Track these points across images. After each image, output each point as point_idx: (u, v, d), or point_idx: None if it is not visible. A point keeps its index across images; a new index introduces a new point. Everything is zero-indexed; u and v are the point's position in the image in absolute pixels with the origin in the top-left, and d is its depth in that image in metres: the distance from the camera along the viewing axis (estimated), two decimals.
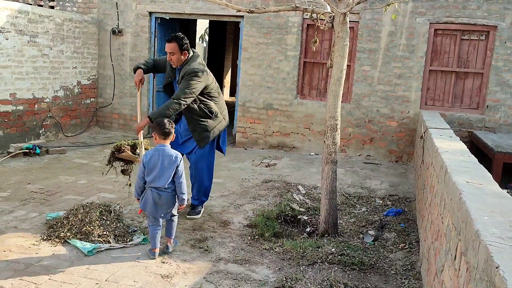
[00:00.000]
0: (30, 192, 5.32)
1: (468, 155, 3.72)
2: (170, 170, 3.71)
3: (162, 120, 3.87)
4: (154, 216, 3.81)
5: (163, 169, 3.71)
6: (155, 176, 3.71)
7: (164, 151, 3.75)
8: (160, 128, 3.79)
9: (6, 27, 7.06)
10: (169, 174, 3.71)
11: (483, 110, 7.85)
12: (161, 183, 3.71)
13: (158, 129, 3.80)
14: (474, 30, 7.73)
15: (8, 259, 3.63)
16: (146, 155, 3.78)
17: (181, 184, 3.76)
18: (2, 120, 7.15)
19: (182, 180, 3.77)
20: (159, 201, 3.75)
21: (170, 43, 4.55)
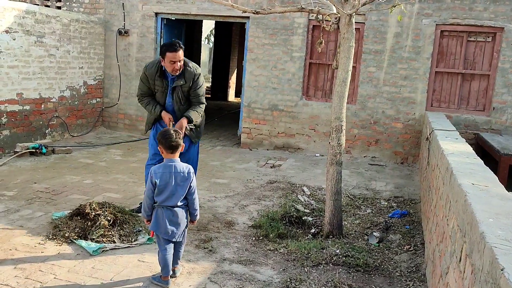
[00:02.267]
0: (36, 192, 5.35)
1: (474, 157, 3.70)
2: (183, 188, 3.36)
3: (168, 131, 3.44)
4: (168, 239, 3.38)
5: (176, 188, 3.33)
6: (168, 196, 3.32)
7: (175, 168, 3.35)
8: (166, 140, 3.36)
9: (13, 27, 7.11)
10: (182, 192, 3.36)
11: (489, 112, 7.81)
12: (173, 202, 3.34)
13: (164, 142, 3.37)
14: (481, 32, 7.70)
15: (14, 258, 3.66)
16: (156, 174, 3.33)
17: (194, 201, 3.43)
18: (9, 119, 7.20)
19: (195, 197, 3.45)
20: (173, 219, 3.35)
21: (178, 51, 4.41)
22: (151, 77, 4.64)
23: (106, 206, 4.35)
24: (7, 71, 7.06)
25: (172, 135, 3.37)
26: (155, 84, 4.67)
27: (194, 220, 3.53)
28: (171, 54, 4.40)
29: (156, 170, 3.36)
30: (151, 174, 3.35)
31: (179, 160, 3.43)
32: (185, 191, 3.37)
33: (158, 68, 4.60)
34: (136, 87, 5.37)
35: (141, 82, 4.76)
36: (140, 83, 4.78)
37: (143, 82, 4.73)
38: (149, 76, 4.65)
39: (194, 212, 3.47)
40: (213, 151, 8.33)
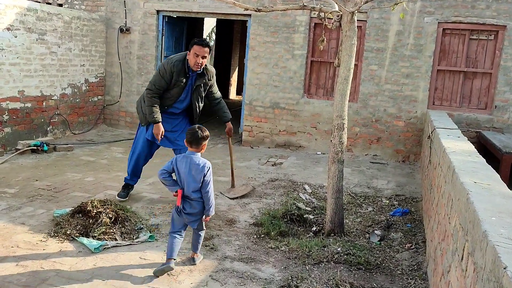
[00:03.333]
0: (38, 189, 5.36)
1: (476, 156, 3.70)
2: (196, 179, 3.51)
3: (194, 128, 3.63)
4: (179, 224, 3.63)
5: (190, 177, 3.53)
6: (182, 183, 3.56)
7: (192, 159, 3.55)
8: (190, 136, 3.60)
9: (15, 25, 7.11)
10: (194, 184, 3.52)
11: (491, 110, 7.80)
12: (187, 191, 3.54)
13: (189, 137, 3.61)
14: (483, 30, 7.68)
15: (15, 255, 3.66)
16: (176, 162, 3.59)
17: (208, 195, 3.55)
18: (11, 117, 7.20)
19: (209, 191, 3.56)
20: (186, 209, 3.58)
21: (205, 47, 4.65)
22: (177, 72, 4.73)
23: (108, 204, 4.36)
24: (8, 69, 7.07)
25: (197, 131, 3.60)
26: (178, 80, 4.76)
27: (208, 215, 3.64)
28: (198, 48, 4.62)
29: (177, 158, 3.62)
30: (173, 161, 3.61)
31: (199, 155, 3.62)
32: (199, 183, 3.52)
33: (185, 65, 4.76)
34: (138, 84, 5.40)
35: (161, 77, 4.76)
36: (159, 78, 4.76)
37: (163, 77, 4.75)
38: (176, 71, 4.72)
39: (207, 207, 3.59)
40: (214, 149, 8.32)
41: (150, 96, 4.80)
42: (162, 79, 4.76)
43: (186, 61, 4.76)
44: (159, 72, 4.80)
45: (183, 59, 4.77)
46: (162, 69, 4.76)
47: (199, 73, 4.85)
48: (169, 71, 4.72)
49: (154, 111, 4.78)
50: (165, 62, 4.79)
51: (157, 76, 4.79)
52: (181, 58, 4.79)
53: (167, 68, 4.73)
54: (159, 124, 4.80)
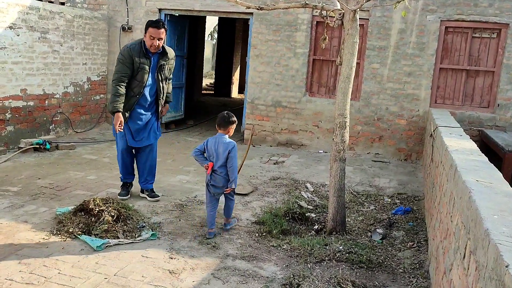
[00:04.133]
0: (40, 187, 5.37)
1: (478, 154, 3.69)
2: (223, 155, 4.16)
3: (223, 114, 4.28)
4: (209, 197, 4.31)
5: (217, 154, 4.18)
6: (211, 159, 4.22)
7: (220, 139, 4.20)
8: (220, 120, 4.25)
9: (17, 24, 7.12)
10: (221, 159, 4.17)
11: (494, 108, 7.78)
12: (215, 166, 4.19)
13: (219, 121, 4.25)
14: (486, 28, 7.66)
15: (18, 253, 3.68)
16: (208, 142, 4.27)
17: (232, 168, 4.18)
18: (13, 115, 7.22)
19: (233, 166, 4.18)
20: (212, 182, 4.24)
21: (161, 28, 4.69)
22: (136, 54, 4.72)
23: (110, 202, 4.37)
24: (11, 67, 7.08)
25: (226, 116, 4.25)
26: (140, 63, 4.74)
27: (231, 187, 4.25)
28: (153, 30, 4.68)
29: (208, 140, 4.27)
30: (205, 142, 4.27)
31: (227, 137, 4.24)
32: (225, 159, 4.16)
33: (142, 47, 4.77)
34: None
35: (122, 64, 4.72)
36: (121, 66, 4.73)
37: (125, 64, 4.72)
38: (134, 54, 4.70)
39: (231, 179, 4.22)
40: None
41: (115, 85, 4.74)
42: (123, 65, 4.73)
43: (142, 44, 4.78)
44: (119, 61, 4.77)
45: (139, 42, 4.81)
46: (121, 56, 4.76)
47: (160, 53, 4.89)
48: (127, 55, 4.71)
49: (116, 100, 4.70)
50: (122, 50, 4.81)
51: (118, 65, 4.77)
52: (137, 42, 4.86)
53: (125, 54, 4.72)
54: (119, 113, 4.72)
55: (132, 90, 4.86)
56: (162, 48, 4.90)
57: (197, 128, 10.17)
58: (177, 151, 7.75)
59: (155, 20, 4.80)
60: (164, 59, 4.94)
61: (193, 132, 9.63)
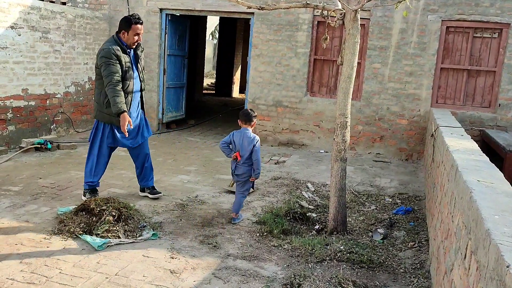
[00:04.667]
0: (42, 187, 5.38)
1: (480, 154, 3.69)
2: (248, 148, 4.60)
3: (247, 110, 4.77)
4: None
5: (242, 147, 4.61)
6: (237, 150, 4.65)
7: (245, 134, 4.64)
8: (244, 115, 4.72)
9: (18, 23, 7.13)
10: (246, 151, 4.60)
11: (495, 108, 7.77)
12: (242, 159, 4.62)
13: (242, 116, 4.72)
14: (487, 28, 7.65)
15: (19, 253, 3.68)
16: (233, 136, 4.70)
17: (257, 160, 4.62)
18: (14, 115, 7.23)
19: (258, 158, 4.63)
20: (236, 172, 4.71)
21: (142, 24, 4.79)
22: (121, 52, 4.67)
23: (111, 202, 4.37)
24: (12, 67, 7.09)
25: (250, 113, 4.73)
26: (125, 61, 4.70)
27: (255, 177, 4.71)
28: (138, 26, 4.73)
29: (234, 133, 4.71)
30: (231, 135, 4.71)
31: (251, 131, 4.70)
32: (249, 152, 4.59)
33: (120, 44, 4.71)
34: None
35: (113, 65, 4.57)
36: (113, 67, 4.57)
37: (115, 64, 4.58)
38: (117, 53, 4.62)
39: (256, 170, 4.66)
40: (217, 147, 8.33)
41: (112, 87, 4.56)
42: (114, 66, 4.59)
43: (118, 41, 4.71)
44: (106, 64, 4.59)
45: (114, 41, 4.71)
46: (106, 59, 4.59)
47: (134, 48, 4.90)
48: (113, 55, 4.59)
49: (118, 101, 4.53)
50: (105, 54, 4.60)
51: (110, 67, 4.58)
52: (112, 42, 4.72)
53: (110, 55, 4.58)
54: (125, 114, 4.55)
55: (125, 91, 4.71)
56: None
57: (198, 127, 10.18)
58: (178, 151, 7.75)
59: (134, 16, 4.74)
60: (139, 50, 4.95)
61: (194, 132, 9.63)
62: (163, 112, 9.44)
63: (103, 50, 4.64)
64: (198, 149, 8.06)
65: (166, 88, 9.40)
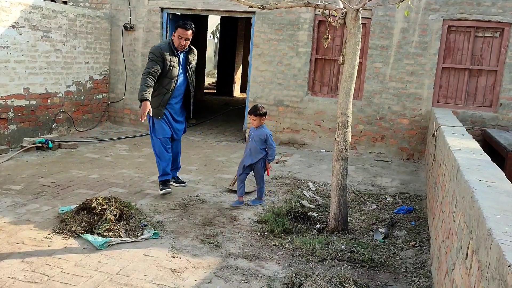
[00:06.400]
0: (43, 186, 5.39)
1: (481, 154, 3.68)
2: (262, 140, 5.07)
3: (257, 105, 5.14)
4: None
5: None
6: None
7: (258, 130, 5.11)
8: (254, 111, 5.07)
9: (20, 23, 7.13)
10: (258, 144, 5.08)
11: (496, 108, 7.76)
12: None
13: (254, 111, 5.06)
14: (489, 27, 7.64)
15: (21, 252, 3.69)
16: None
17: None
18: (16, 114, 7.23)
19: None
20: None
21: (190, 30, 5.17)
22: (167, 52, 5.18)
23: (112, 201, 4.37)
24: (13, 66, 7.10)
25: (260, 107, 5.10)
26: (170, 60, 5.19)
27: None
28: (182, 31, 5.15)
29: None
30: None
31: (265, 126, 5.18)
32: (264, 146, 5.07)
33: (170, 46, 5.23)
34: None
35: (154, 61, 5.13)
36: (152, 62, 5.13)
37: (156, 61, 5.13)
38: (165, 53, 5.16)
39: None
40: (218, 147, 8.34)
41: (145, 77, 5.11)
42: (155, 62, 5.12)
43: (171, 43, 5.25)
44: (150, 58, 5.16)
45: (168, 42, 5.29)
46: (152, 55, 5.16)
47: (186, 51, 5.39)
48: (158, 54, 5.13)
49: (144, 90, 5.05)
50: (153, 50, 5.20)
51: (150, 62, 5.15)
52: (165, 42, 5.37)
53: (156, 52, 5.15)
54: (146, 102, 5.06)
55: (164, 87, 5.25)
56: (188, 46, 5.37)
57: (199, 127, 10.17)
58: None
59: (184, 22, 5.23)
60: (191, 55, 5.45)
61: (195, 131, 9.63)
62: None
63: (153, 46, 5.31)
64: (199, 148, 8.06)
65: None
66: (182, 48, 5.25)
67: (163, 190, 5.26)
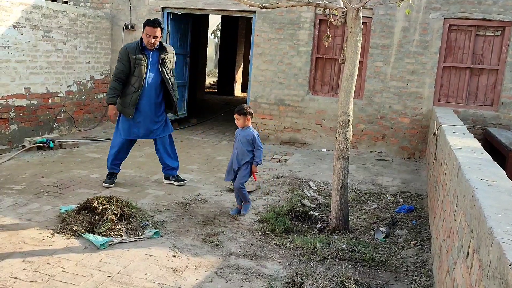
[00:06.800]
0: (44, 186, 5.39)
1: (482, 153, 3.68)
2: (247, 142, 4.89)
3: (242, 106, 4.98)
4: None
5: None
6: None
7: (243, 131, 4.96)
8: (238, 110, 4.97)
9: (21, 22, 7.14)
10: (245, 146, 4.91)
11: (497, 107, 7.75)
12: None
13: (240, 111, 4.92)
14: (490, 26, 7.63)
15: (22, 251, 3.69)
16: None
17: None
18: (17, 114, 7.24)
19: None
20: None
21: (157, 27, 5.11)
22: (132, 52, 5.15)
23: (113, 200, 4.37)
24: (14, 66, 7.10)
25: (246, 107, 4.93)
26: (136, 59, 5.15)
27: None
28: (149, 28, 5.11)
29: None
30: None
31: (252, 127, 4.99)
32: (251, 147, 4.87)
33: (138, 44, 5.22)
34: None
35: (119, 62, 5.20)
36: (118, 63, 5.21)
37: (121, 61, 5.17)
38: (130, 52, 5.14)
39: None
40: (219, 146, 8.34)
41: (112, 80, 5.25)
42: (120, 63, 5.19)
43: (139, 42, 5.23)
44: (118, 59, 5.26)
45: (137, 41, 5.27)
46: (118, 55, 5.26)
47: (158, 49, 5.31)
48: (123, 53, 5.17)
49: (110, 93, 5.22)
50: (120, 51, 5.28)
51: (117, 63, 5.25)
52: (134, 41, 5.34)
53: (122, 52, 5.21)
54: (111, 106, 5.24)
55: (132, 85, 5.25)
56: (160, 44, 5.31)
57: (200, 126, 10.18)
58: (180, 150, 7.74)
59: (152, 19, 5.20)
60: (163, 53, 5.32)
61: (196, 131, 9.64)
62: None
63: (124, 45, 5.37)
64: (200, 147, 8.06)
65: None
66: (152, 46, 5.18)
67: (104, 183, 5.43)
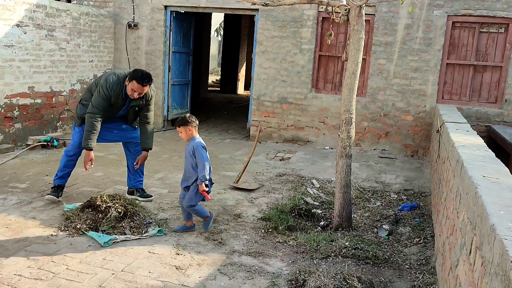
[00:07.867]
0: (48, 184, 5.41)
1: (485, 150, 3.67)
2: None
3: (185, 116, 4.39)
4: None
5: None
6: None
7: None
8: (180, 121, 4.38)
9: (24, 21, 7.16)
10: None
11: (501, 104, 7.72)
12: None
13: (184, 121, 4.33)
14: (493, 23, 7.59)
15: (26, 249, 3.71)
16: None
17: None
18: (21, 113, 7.27)
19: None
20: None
21: (145, 86, 4.60)
22: (116, 96, 4.67)
23: (117, 198, 4.39)
24: (18, 65, 7.13)
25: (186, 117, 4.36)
26: (116, 102, 4.71)
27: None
28: (138, 86, 4.57)
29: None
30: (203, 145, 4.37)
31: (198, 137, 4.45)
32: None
33: (122, 88, 4.68)
34: None
35: (102, 100, 4.65)
36: (101, 100, 4.64)
37: (104, 100, 4.65)
38: (113, 96, 4.66)
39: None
40: (222, 144, 8.35)
41: (93, 120, 4.64)
42: (103, 101, 4.65)
43: (124, 86, 4.69)
44: (100, 95, 4.67)
45: (121, 83, 4.69)
46: (102, 92, 4.67)
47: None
48: (107, 94, 4.66)
49: (91, 137, 4.67)
50: (104, 85, 4.67)
51: (99, 99, 4.66)
52: (118, 82, 4.70)
53: (106, 92, 4.66)
54: (91, 152, 4.72)
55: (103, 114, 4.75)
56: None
57: (203, 124, 10.19)
58: (183, 148, 7.74)
59: (143, 75, 4.62)
60: (138, 101, 4.80)
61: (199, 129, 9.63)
62: (168, 109, 9.47)
63: (109, 81, 4.67)
64: None
65: (171, 85, 9.42)
66: (135, 97, 4.70)
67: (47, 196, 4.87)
